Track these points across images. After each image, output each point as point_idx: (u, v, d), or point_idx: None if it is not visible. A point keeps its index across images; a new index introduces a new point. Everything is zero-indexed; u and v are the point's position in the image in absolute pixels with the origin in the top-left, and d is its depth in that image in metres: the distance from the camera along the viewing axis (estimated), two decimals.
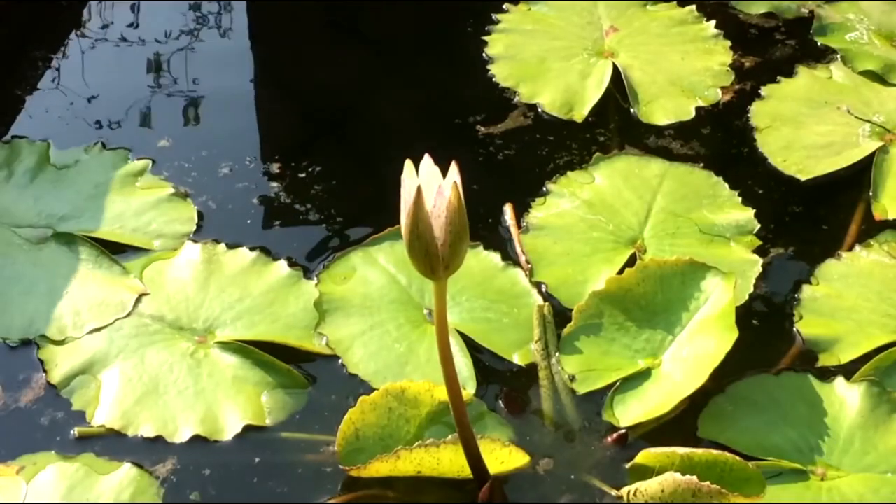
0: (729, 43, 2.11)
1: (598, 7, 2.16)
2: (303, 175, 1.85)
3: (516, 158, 1.88)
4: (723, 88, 2.02)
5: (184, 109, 2.02)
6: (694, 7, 2.17)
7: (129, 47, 2.16)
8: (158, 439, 1.46)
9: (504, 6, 2.16)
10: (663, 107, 1.98)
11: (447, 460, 1.37)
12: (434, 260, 1.22)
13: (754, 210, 1.76)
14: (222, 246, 1.68)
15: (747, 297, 1.63)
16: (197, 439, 1.46)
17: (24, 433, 1.47)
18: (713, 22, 2.14)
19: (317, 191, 1.82)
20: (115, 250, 1.68)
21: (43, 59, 2.09)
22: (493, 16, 2.14)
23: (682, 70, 2.05)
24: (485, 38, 2.10)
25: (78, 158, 1.81)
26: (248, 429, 1.48)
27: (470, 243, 1.27)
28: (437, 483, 1.40)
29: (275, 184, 1.84)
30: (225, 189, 1.82)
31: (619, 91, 2.01)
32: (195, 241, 1.69)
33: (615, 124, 1.96)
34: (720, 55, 2.09)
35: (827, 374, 1.54)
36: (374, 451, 1.40)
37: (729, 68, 2.06)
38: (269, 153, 1.89)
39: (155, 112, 2.00)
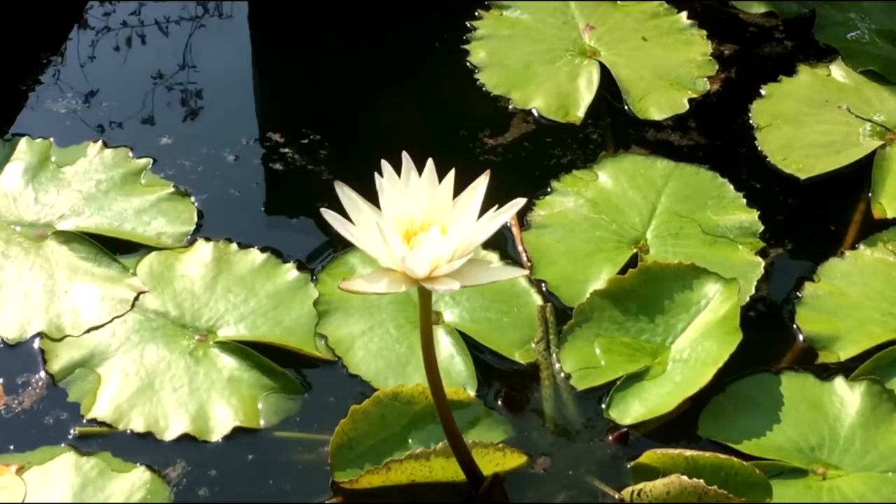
0: (705, 32, 2.11)
1: (569, 7, 2.16)
2: (304, 174, 1.85)
3: (518, 162, 1.88)
4: (709, 78, 2.03)
5: (186, 107, 2.02)
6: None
7: (131, 44, 2.16)
8: (151, 436, 1.46)
9: (476, 13, 2.15)
10: (657, 101, 1.98)
11: (439, 468, 1.37)
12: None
13: (758, 212, 1.76)
14: (234, 245, 1.68)
15: (748, 298, 1.63)
16: (192, 439, 1.46)
17: (25, 432, 1.47)
18: (685, 13, 2.14)
19: (317, 190, 1.82)
20: (114, 248, 1.68)
21: (44, 56, 2.09)
22: (468, 23, 2.13)
23: (667, 63, 2.05)
24: (465, 46, 2.08)
25: (79, 156, 1.81)
26: (241, 430, 1.47)
27: None
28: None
29: (276, 183, 1.85)
30: (225, 187, 1.82)
31: (608, 89, 2.00)
32: (208, 239, 1.69)
33: (612, 123, 1.96)
34: (700, 45, 2.09)
35: (827, 371, 1.54)
36: (371, 460, 1.40)
37: (711, 58, 2.06)
38: (270, 152, 1.89)
39: (156, 110, 2.00)
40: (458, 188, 1.22)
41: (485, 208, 1.20)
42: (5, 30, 2.10)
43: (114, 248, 1.68)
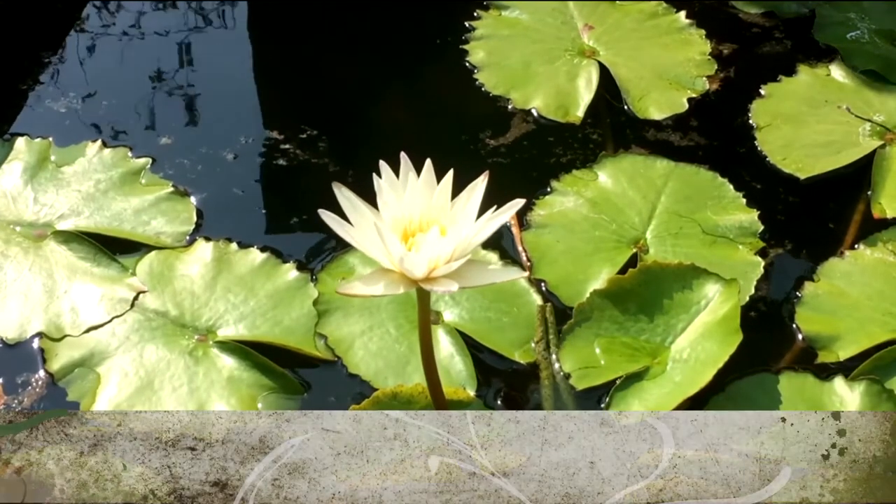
0: (704, 32, 2.11)
1: (568, 6, 2.16)
2: (304, 174, 1.85)
3: (517, 162, 1.88)
4: (709, 78, 2.03)
5: (185, 107, 2.02)
6: None
7: (130, 44, 2.16)
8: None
9: (475, 13, 2.15)
10: (656, 101, 1.98)
11: None
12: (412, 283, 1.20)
13: (758, 212, 1.76)
14: (234, 245, 1.68)
15: (748, 298, 1.64)
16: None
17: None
18: (684, 12, 2.14)
19: (317, 190, 1.82)
20: (114, 248, 1.68)
21: (44, 56, 2.09)
22: (467, 23, 2.13)
23: (666, 62, 2.05)
24: (464, 46, 2.08)
25: (78, 156, 1.81)
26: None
27: None
28: None
29: (276, 183, 1.85)
30: (225, 187, 1.82)
31: (608, 89, 2.00)
32: (208, 239, 1.69)
33: (612, 123, 1.96)
34: (699, 45, 2.09)
35: (826, 371, 1.54)
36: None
37: (710, 57, 2.06)
38: (270, 152, 1.89)
39: (156, 109, 2.00)
40: (458, 188, 1.22)
41: (484, 208, 1.20)
42: (5, 30, 2.10)
43: (113, 248, 1.68)
